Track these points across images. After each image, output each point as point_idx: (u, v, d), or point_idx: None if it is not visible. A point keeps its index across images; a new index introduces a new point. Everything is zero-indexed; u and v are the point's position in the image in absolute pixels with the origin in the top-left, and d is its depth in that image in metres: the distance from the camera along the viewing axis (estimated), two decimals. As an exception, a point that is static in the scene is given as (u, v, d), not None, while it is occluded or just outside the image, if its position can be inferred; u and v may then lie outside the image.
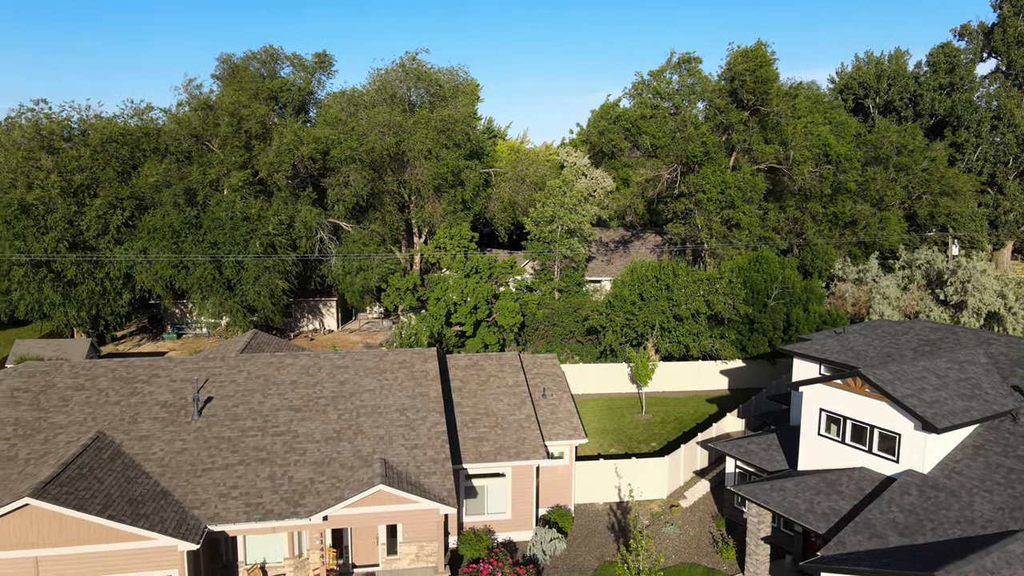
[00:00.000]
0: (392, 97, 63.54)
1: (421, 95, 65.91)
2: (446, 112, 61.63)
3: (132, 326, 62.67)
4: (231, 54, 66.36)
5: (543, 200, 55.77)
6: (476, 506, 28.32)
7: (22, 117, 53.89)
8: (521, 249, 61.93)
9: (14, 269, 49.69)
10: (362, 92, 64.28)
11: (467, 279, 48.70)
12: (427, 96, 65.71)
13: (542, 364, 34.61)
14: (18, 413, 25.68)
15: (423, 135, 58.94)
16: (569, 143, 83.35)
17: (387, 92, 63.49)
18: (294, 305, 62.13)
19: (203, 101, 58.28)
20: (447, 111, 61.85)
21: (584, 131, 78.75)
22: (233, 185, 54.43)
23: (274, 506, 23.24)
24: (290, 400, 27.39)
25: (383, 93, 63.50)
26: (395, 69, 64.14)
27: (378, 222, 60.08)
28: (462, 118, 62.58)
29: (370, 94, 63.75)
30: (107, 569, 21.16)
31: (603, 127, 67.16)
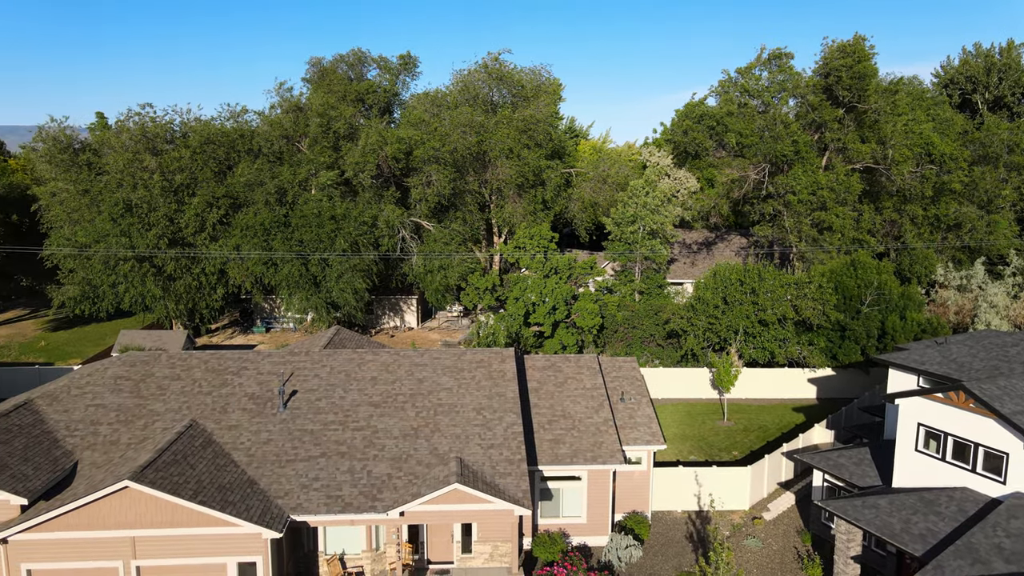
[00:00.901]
0: (474, 98, 64.06)
1: (503, 95, 66.18)
2: (528, 112, 61.65)
3: (225, 319, 65.56)
4: (321, 58, 68.53)
5: (625, 200, 54.98)
6: (551, 508, 28.08)
7: (130, 121, 57.18)
8: (601, 250, 61.26)
9: (120, 264, 52.78)
10: (445, 93, 65.09)
11: (546, 279, 48.51)
12: (509, 96, 65.92)
13: (621, 367, 34.03)
14: (120, 400, 27.17)
15: (504, 135, 59.14)
16: (652, 143, 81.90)
17: (469, 93, 64.06)
18: (376, 302, 63.50)
19: (294, 103, 60.34)
20: (529, 111, 61.86)
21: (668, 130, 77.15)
22: (320, 184, 56.12)
23: (353, 499, 23.69)
24: (370, 396, 27.89)
25: (465, 94, 64.11)
26: (478, 70, 64.63)
27: (459, 221, 60.68)
28: (544, 118, 62.46)
29: (453, 95, 64.47)
30: (196, 552, 22.05)
31: (687, 126, 65.62)
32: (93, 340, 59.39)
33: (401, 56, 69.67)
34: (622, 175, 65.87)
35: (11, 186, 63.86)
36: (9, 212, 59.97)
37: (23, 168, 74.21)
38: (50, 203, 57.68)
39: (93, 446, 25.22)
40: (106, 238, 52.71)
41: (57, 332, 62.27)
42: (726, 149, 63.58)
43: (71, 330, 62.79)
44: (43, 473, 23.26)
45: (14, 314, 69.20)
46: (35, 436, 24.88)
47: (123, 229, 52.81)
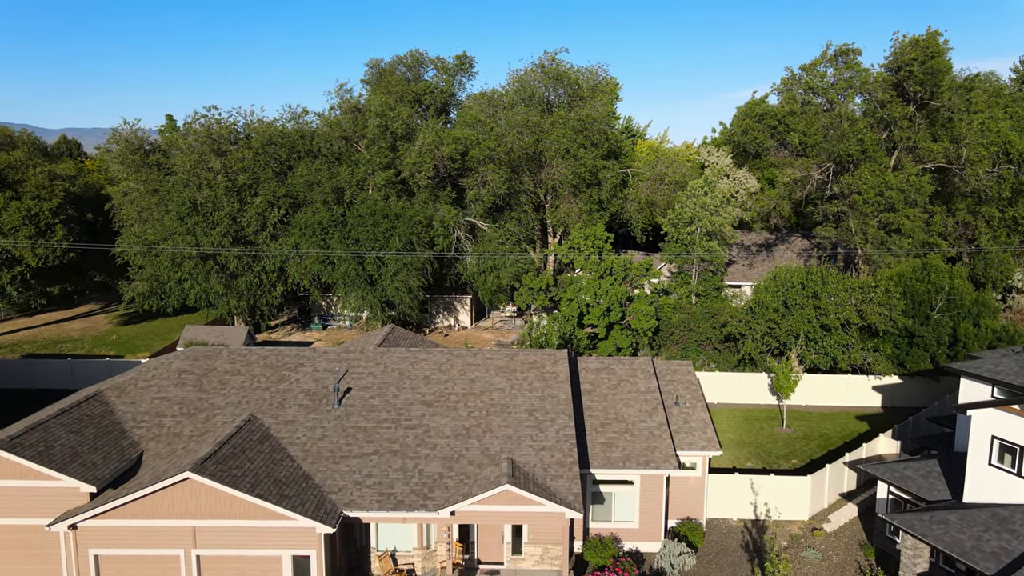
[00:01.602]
0: (530, 98, 63.96)
1: (559, 95, 65.89)
2: (584, 112, 61.23)
3: (284, 316, 67.11)
4: (379, 59, 69.55)
5: (682, 201, 54.06)
6: (603, 512, 27.74)
7: (196, 123, 59.06)
8: (657, 251, 60.39)
9: (186, 261, 54.57)
10: (501, 93, 65.18)
11: (601, 280, 48.05)
12: (565, 96, 65.59)
13: (676, 370, 33.41)
14: (184, 393, 28.01)
15: (560, 135, 58.87)
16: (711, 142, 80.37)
17: (525, 93, 63.99)
18: (430, 301, 64.03)
19: (353, 105, 61.33)
20: (585, 110, 61.43)
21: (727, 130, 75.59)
22: (377, 184, 56.89)
23: (405, 497, 23.84)
24: (423, 395, 28.05)
25: (521, 94, 64.06)
26: (534, 70, 64.50)
27: (514, 221, 60.68)
28: (600, 117, 61.94)
29: (509, 95, 64.51)
30: (253, 544, 22.53)
31: (747, 125, 64.22)
32: (160, 334, 61.58)
33: (458, 57, 70.15)
34: (679, 175, 64.79)
35: (87, 186, 66.83)
36: (85, 211, 62.72)
37: (98, 169, 77.54)
38: (122, 202, 60.03)
39: (157, 437, 26.05)
40: (173, 236, 54.56)
41: (127, 326, 64.79)
42: (788, 148, 61.95)
43: (140, 324, 65.26)
44: (111, 462, 24.14)
45: (88, 308, 72.35)
46: (104, 426, 25.84)
47: (189, 228, 54.57)
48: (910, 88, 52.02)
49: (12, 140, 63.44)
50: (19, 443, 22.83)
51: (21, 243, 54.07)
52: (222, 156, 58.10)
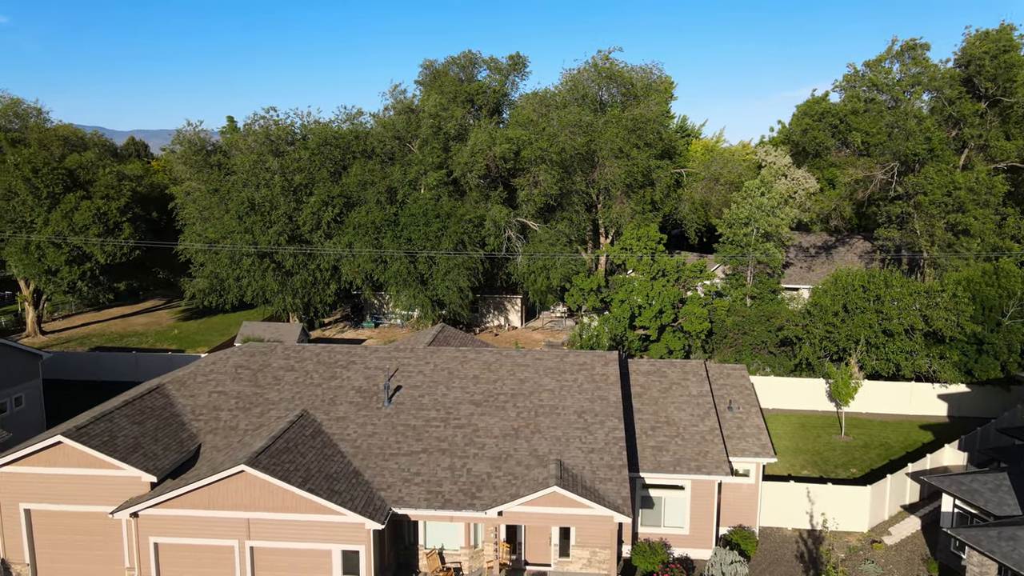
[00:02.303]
0: (583, 97, 63.57)
1: (613, 94, 65.32)
2: (638, 111, 60.56)
3: (337, 314, 68.25)
4: (433, 60, 70.13)
5: (738, 201, 52.92)
6: (652, 517, 27.31)
7: (256, 124, 60.56)
8: (712, 252, 59.31)
9: (244, 259, 55.99)
10: (554, 93, 64.96)
11: (653, 282, 47.40)
12: (619, 95, 64.99)
13: (729, 374, 32.68)
14: (240, 388, 28.67)
15: (613, 134, 58.33)
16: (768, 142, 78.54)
17: (578, 92, 63.62)
18: (480, 301, 64.23)
19: (407, 105, 61.97)
20: (639, 110, 60.75)
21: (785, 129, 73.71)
22: (429, 184, 57.34)
23: (452, 496, 23.89)
24: (471, 394, 28.08)
25: (574, 93, 63.72)
26: (587, 69, 64.07)
27: (565, 222, 60.39)
28: (654, 117, 61.17)
29: (561, 94, 64.24)
30: (304, 537, 22.89)
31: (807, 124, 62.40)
32: (219, 330, 63.35)
33: (511, 57, 70.22)
34: (735, 175, 63.53)
35: (152, 186, 69.19)
36: (150, 210, 64.93)
37: (163, 169, 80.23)
38: (184, 201, 61.95)
39: (215, 430, 26.72)
40: (232, 235, 56.04)
41: (188, 321, 66.88)
42: (850, 148, 60.05)
43: (200, 320, 67.28)
44: (171, 453, 24.86)
45: (152, 304, 74.98)
46: (165, 418, 26.64)
47: (247, 226, 55.96)
48: (981, 84, 49.83)
49: (84, 141, 66.04)
50: (86, 432, 23.71)
51: (91, 241, 56.32)
52: (279, 156, 59.41)
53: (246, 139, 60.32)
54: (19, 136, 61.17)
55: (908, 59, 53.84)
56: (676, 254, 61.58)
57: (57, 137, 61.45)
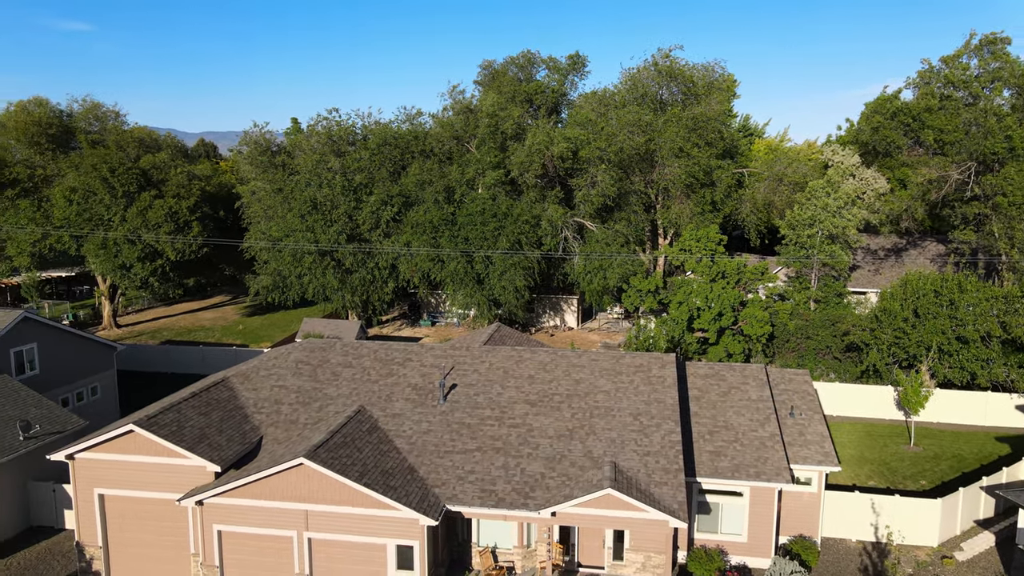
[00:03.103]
0: (643, 96, 62.81)
1: (673, 93, 64.34)
2: (698, 110, 59.52)
3: (395, 312, 69.22)
4: (492, 60, 70.35)
5: (802, 202, 51.47)
6: (708, 523, 26.76)
7: (319, 125, 62.00)
8: (774, 254, 57.81)
9: (305, 257, 57.35)
10: (613, 92, 64.39)
11: (712, 284, 46.50)
12: (679, 94, 63.98)
13: (791, 379, 31.78)
14: (300, 383, 29.33)
15: (673, 133, 57.48)
16: (836, 140, 76.15)
17: (638, 91, 62.90)
18: (536, 301, 64.18)
19: (465, 105, 62.40)
20: (699, 109, 59.70)
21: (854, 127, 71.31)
22: (487, 184, 57.59)
23: (506, 495, 23.89)
24: (526, 394, 28.04)
25: (634, 92, 63.02)
26: (647, 68, 63.27)
27: (623, 222, 59.82)
28: (715, 116, 60.03)
29: (621, 93, 63.61)
30: (360, 531, 23.25)
31: (877, 122, 60.21)
32: (281, 326, 65.04)
33: (570, 56, 69.87)
34: (799, 175, 61.76)
35: (220, 185, 71.58)
36: (217, 208, 67.19)
37: (230, 169, 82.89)
38: (250, 200, 63.84)
39: (276, 423, 27.39)
40: (294, 233, 57.46)
41: (252, 317, 68.88)
42: (923, 147, 57.69)
43: (263, 316, 69.21)
44: (234, 444, 25.60)
45: (218, 300, 77.52)
46: (229, 411, 27.44)
47: (309, 225, 57.29)
48: (1068, 79, 47.18)
49: (157, 143, 68.76)
50: (156, 422, 24.62)
51: (163, 238, 58.58)
52: (341, 157, 60.65)
53: (309, 140, 61.77)
54: (98, 138, 64.07)
55: (987, 54, 51.38)
56: (736, 256, 60.25)
57: (133, 139, 64.14)
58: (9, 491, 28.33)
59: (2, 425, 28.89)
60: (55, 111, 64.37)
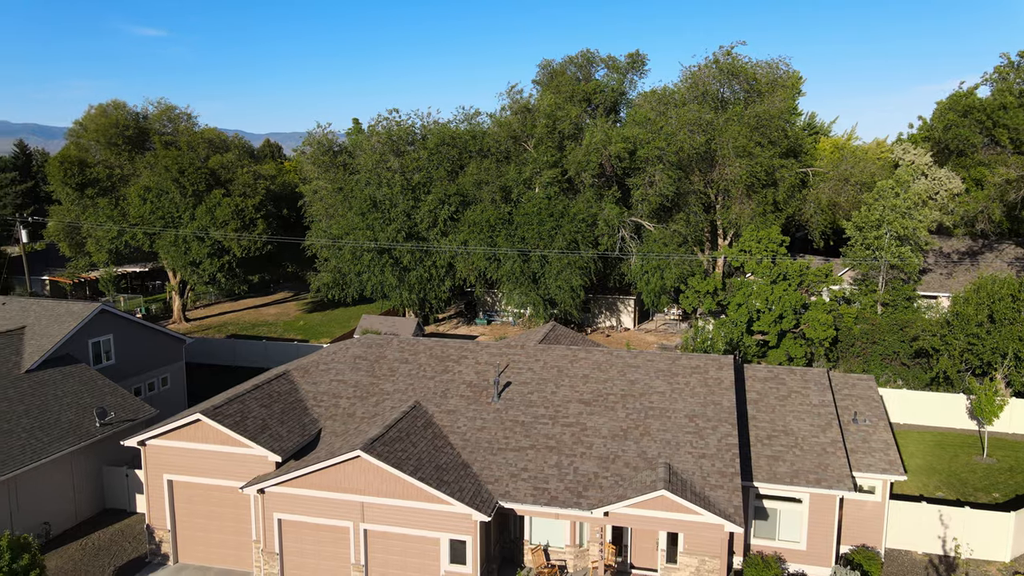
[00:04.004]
0: (703, 94, 61.83)
1: (735, 91, 63.14)
2: (761, 108, 58.24)
3: (451, 310, 69.92)
4: (551, 60, 70.38)
5: (870, 203, 49.80)
6: (766, 529, 26.19)
7: (379, 125, 63.10)
8: (839, 256, 56.18)
9: (364, 255, 58.47)
10: (673, 90, 63.59)
11: (773, 285, 45.46)
12: (741, 92, 62.75)
13: (855, 385, 30.82)
14: (358, 377, 29.95)
15: (735, 132, 56.40)
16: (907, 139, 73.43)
17: (698, 89, 61.95)
18: (592, 301, 63.89)
19: (523, 105, 62.56)
20: (762, 107, 58.42)
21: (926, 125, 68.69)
22: (543, 183, 57.61)
23: (559, 493, 23.90)
24: (580, 393, 27.98)
25: (694, 91, 62.10)
26: (708, 66, 62.25)
27: (681, 222, 59.03)
28: (779, 114, 58.63)
29: (680, 92, 62.77)
30: (414, 524, 23.60)
31: (951, 120, 57.94)
32: (340, 322, 66.47)
33: (630, 54, 69.36)
34: (867, 175, 59.82)
35: (284, 184, 73.70)
36: (281, 207, 69.21)
37: (294, 169, 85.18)
38: (312, 199, 65.44)
39: (334, 416, 28.05)
40: (354, 231, 58.64)
41: (312, 313, 70.60)
42: (1001, 145, 55.13)
43: (323, 312, 70.85)
44: (294, 436, 26.33)
45: (281, 296, 79.73)
46: (290, 403, 28.24)
47: (368, 223, 58.38)
48: None
49: (226, 143, 71.17)
50: (221, 412, 25.52)
51: (229, 235, 60.60)
52: (400, 156, 61.58)
53: (370, 140, 62.91)
54: (171, 139, 66.70)
55: (1073, 46, 48.73)
56: (799, 257, 58.74)
57: (203, 140, 66.52)
58: (86, 475, 29.81)
59: (81, 412, 30.42)
60: (131, 113, 67.27)
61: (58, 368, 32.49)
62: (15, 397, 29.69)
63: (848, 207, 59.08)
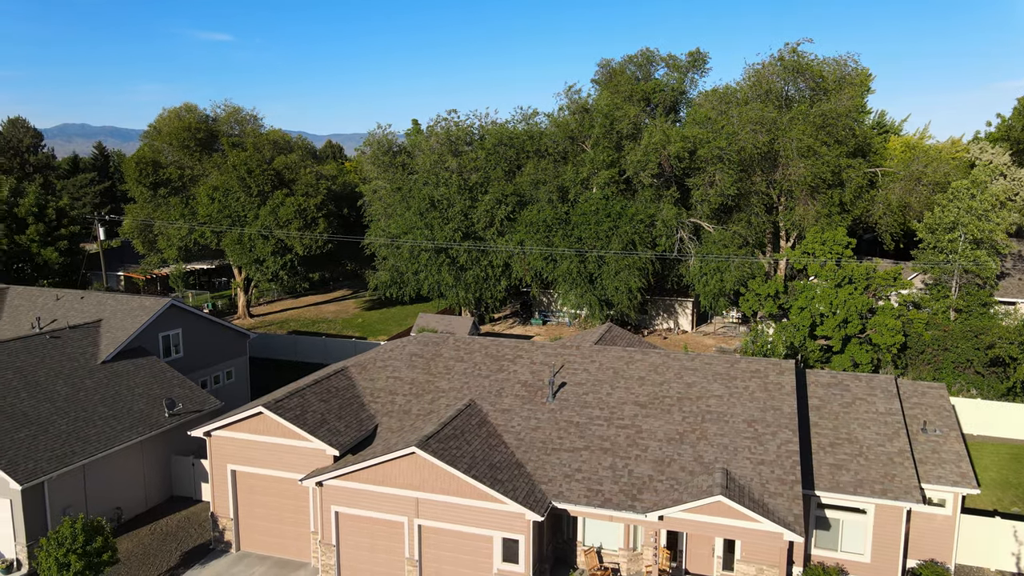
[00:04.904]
0: (767, 93, 60.39)
1: (800, 89, 61.46)
2: (827, 106, 56.53)
3: (507, 310, 70.12)
4: (610, 59, 69.91)
5: (944, 204, 47.81)
6: (827, 540, 25.39)
7: (438, 126, 63.75)
8: (909, 259, 54.10)
9: (422, 254, 59.17)
10: (735, 89, 62.34)
11: (838, 289, 44.06)
12: (807, 89, 61.05)
13: (924, 393, 29.61)
14: (414, 375, 30.31)
15: (800, 131, 54.90)
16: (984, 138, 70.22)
17: (762, 88, 60.54)
18: (649, 302, 63.15)
19: (581, 105, 62.29)
20: (829, 105, 56.70)
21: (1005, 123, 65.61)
22: (600, 183, 57.23)
23: (613, 496, 23.68)
24: (636, 395, 27.67)
25: (757, 89, 60.72)
26: (772, 63, 60.77)
27: (742, 223, 57.80)
28: (846, 112, 56.82)
29: (743, 90, 61.48)
30: (467, 521, 23.73)
31: (1032, 116, 55.02)
32: (397, 320, 67.43)
33: (691, 53, 68.29)
34: (940, 175, 57.43)
35: (345, 184, 75.30)
36: (342, 207, 70.71)
37: (354, 169, 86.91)
38: (371, 199, 66.60)
39: (390, 413, 28.45)
40: (412, 231, 59.41)
41: (370, 311, 71.83)
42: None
43: (381, 310, 72.01)
44: (351, 431, 26.81)
45: (340, 294, 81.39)
46: (347, 399, 28.77)
47: (427, 223, 59.06)
48: None
49: (290, 145, 73.19)
50: (282, 406, 26.19)
51: (292, 234, 62.20)
52: (458, 156, 62.09)
53: (428, 140, 63.64)
54: (238, 140, 68.87)
55: None
56: (866, 260, 56.79)
57: (268, 141, 68.50)
58: (156, 463, 31.02)
59: (151, 402, 31.67)
60: (201, 116, 69.76)
61: (131, 360, 33.91)
62: (92, 387, 31.12)
63: (920, 208, 56.85)
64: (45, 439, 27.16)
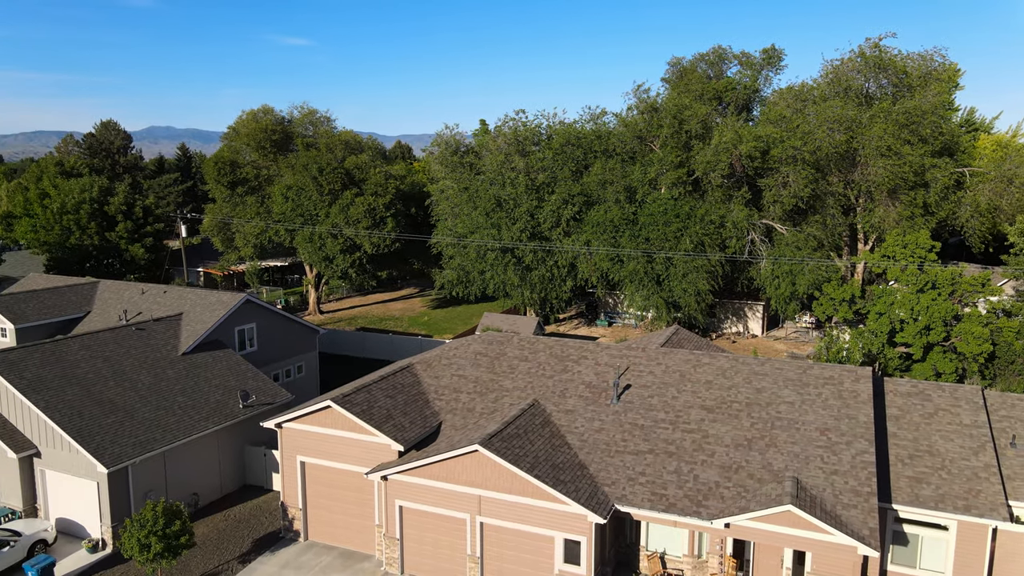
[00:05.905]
0: (846, 90, 58.21)
1: (882, 85, 59.02)
2: (911, 103, 54.07)
3: (572, 311, 69.82)
4: (681, 58, 68.77)
5: (1036, 205, 45.07)
6: (905, 556, 24.27)
7: (505, 126, 64.02)
8: (1000, 264, 51.25)
9: (488, 253, 59.51)
10: (812, 86, 60.34)
11: (920, 295, 42.07)
12: (889, 86, 58.58)
13: (1015, 405, 27.94)
14: (478, 373, 30.49)
15: (881, 130, 52.70)
16: (1083, 135, 65.86)
17: (840, 85, 58.39)
18: (718, 305, 61.81)
19: (650, 104, 61.50)
20: (913, 102, 54.22)
21: (1108, 119, 61.21)
22: (668, 183, 56.34)
23: (677, 500, 23.25)
24: (703, 399, 27.09)
25: (835, 86, 58.59)
26: (852, 59, 58.55)
27: (817, 225, 55.91)
28: (931, 109, 54.21)
29: (820, 88, 59.45)
30: (529, 521, 23.71)
31: None
32: (463, 319, 68.03)
33: (765, 50, 66.50)
34: (1034, 175, 54.16)
35: (413, 184, 76.48)
36: (410, 206, 71.84)
37: (423, 169, 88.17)
38: (439, 198, 67.39)
39: (454, 411, 28.70)
40: (479, 230, 59.81)
41: (436, 310, 72.70)
42: None
43: (447, 309, 72.79)
44: (416, 427, 27.17)
45: (407, 292, 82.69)
46: (412, 395, 29.18)
47: (493, 222, 59.37)
48: None
49: (360, 145, 74.81)
50: (349, 400, 26.76)
51: (361, 233, 63.55)
52: (525, 156, 62.19)
53: (496, 140, 63.97)
54: (312, 141, 70.83)
55: None
56: (951, 264, 54.08)
57: (340, 142, 70.18)
58: (230, 452, 32.19)
59: (226, 393, 32.89)
60: (278, 118, 72.06)
61: (208, 352, 35.29)
62: (173, 377, 32.54)
63: (1011, 211, 53.80)
64: (130, 425, 28.55)
